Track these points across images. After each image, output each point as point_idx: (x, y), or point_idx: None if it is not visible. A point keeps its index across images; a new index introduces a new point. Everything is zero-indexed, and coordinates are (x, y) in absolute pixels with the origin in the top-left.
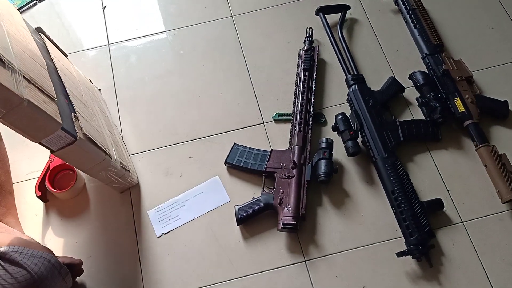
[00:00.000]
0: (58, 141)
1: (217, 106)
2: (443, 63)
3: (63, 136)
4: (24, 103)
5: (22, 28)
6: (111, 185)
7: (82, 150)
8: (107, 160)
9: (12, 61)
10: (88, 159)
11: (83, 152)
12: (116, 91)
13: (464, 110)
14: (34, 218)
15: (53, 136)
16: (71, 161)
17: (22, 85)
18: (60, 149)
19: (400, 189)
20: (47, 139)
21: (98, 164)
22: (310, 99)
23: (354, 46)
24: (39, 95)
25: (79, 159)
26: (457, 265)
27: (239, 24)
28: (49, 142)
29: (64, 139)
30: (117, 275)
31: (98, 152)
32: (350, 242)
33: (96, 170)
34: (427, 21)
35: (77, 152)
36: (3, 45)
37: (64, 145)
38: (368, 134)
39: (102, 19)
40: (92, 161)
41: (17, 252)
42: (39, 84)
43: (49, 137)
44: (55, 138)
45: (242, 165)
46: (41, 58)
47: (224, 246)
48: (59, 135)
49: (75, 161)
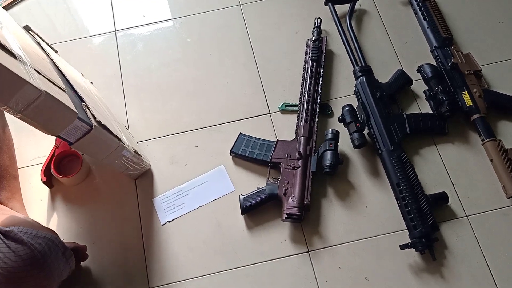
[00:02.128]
0: (75, 131)
1: (224, 95)
2: (452, 56)
3: (80, 126)
4: (42, 95)
5: (16, 24)
6: (126, 172)
7: (98, 139)
8: (121, 147)
9: (20, 54)
10: (104, 147)
11: (99, 141)
12: (123, 79)
13: (472, 104)
14: (39, 203)
15: (70, 127)
16: (89, 152)
17: (35, 77)
18: (78, 140)
19: (405, 181)
20: (65, 131)
21: (113, 151)
22: (317, 90)
23: (362, 38)
24: (52, 87)
25: (96, 148)
26: (460, 258)
27: (247, 13)
28: (67, 134)
29: (81, 129)
30: (121, 262)
31: (112, 139)
32: (354, 234)
33: (112, 158)
34: (437, 14)
35: (94, 141)
36: (7, 39)
37: (81, 135)
38: (375, 126)
39: (109, 5)
40: (108, 149)
41: (22, 232)
42: (48, 77)
43: (67, 128)
44: (73, 129)
45: (247, 155)
46: (42, 52)
47: (228, 235)
48: (76, 125)
49: (93, 151)
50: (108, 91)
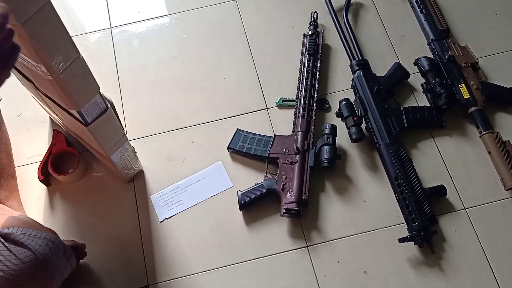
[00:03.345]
0: (94, 109)
1: (221, 91)
2: (449, 49)
3: (99, 102)
4: (79, 57)
5: None
6: (123, 171)
7: (110, 122)
8: (125, 137)
9: None
10: (114, 133)
11: (110, 125)
12: (119, 75)
13: (469, 96)
14: (37, 202)
15: (92, 102)
16: (101, 136)
17: None
18: (94, 120)
19: (403, 175)
20: (87, 105)
21: (119, 141)
22: (314, 84)
23: (359, 31)
24: None
25: (108, 133)
26: (459, 251)
27: (243, 8)
28: (87, 111)
29: (99, 107)
30: (120, 259)
31: (119, 126)
32: (352, 228)
33: (116, 148)
34: (433, 6)
35: (107, 123)
36: None
37: (98, 115)
38: (372, 120)
39: (104, 1)
40: (116, 136)
41: (21, 233)
42: None
43: (90, 102)
44: (93, 105)
45: (245, 151)
46: None
47: (226, 231)
48: (96, 101)
49: (104, 136)
50: (104, 88)
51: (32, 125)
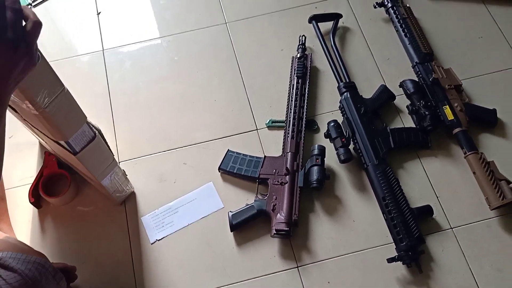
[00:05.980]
0: (82, 138)
1: (211, 112)
2: (433, 71)
3: (87, 131)
4: (64, 90)
5: None
6: (115, 194)
7: (99, 149)
8: (115, 161)
9: None
10: (103, 159)
11: (99, 151)
12: (111, 97)
13: (453, 118)
14: (27, 224)
15: (79, 132)
16: (90, 164)
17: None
18: (83, 149)
19: (391, 195)
20: (75, 135)
21: (108, 166)
22: (303, 106)
23: (346, 54)
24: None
25: (97, 160)
26: (447, 270)
27: (233, 31)
28: (75, 141)
29: (87, 136)
30: (111, 281)
31: (108, 152)
32: (342, 248)
33: (106, 173)
34: (417, 30)
35: (96, 150)
36: None
37: (86, 143)
38: (360, 141)
39: (96, 24)
40: (106, 161)
41: (11, 258)
42: None
43: (77, 132)
44: (80, 135)
45: (235, 172)
46: None
47: (217, 252)
48: (84, 131)
49: (93, 163)
50: (96, 108)
51: (23, 147)
